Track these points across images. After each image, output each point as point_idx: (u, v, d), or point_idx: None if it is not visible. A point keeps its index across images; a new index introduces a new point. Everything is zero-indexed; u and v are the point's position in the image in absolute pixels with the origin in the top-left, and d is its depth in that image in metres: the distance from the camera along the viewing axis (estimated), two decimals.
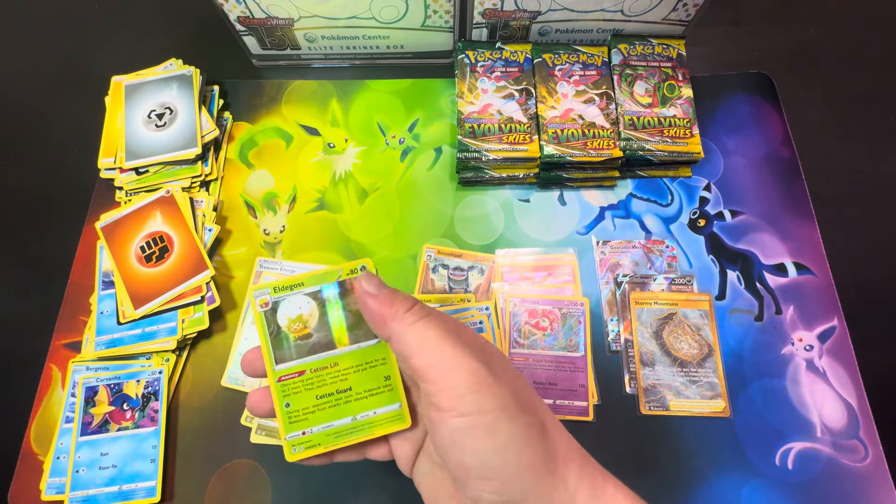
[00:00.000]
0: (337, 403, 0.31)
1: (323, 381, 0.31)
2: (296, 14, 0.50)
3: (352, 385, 0.31)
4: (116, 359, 0.44)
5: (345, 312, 0.31)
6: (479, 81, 0.50)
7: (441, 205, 0.50)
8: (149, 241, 0.47)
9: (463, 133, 0.48)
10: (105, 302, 0.45)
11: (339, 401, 0.31)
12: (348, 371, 0.31)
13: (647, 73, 0.50)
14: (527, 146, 0.48)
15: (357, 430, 0.31)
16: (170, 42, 0.59)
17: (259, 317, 0.31)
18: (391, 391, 0.31)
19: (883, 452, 0.41)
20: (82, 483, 0.40)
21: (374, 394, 0.31)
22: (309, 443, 0.31)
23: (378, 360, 0.31)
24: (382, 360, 0.31)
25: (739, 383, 0.44)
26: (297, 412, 0.31)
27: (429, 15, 0.50)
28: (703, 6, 0.48)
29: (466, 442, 0.25)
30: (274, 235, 0.49)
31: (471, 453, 0.25)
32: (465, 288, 0.47)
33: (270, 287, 0.31)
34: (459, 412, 0.25)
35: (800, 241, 0.48)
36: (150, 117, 0.50)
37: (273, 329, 0.31)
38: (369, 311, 0.29)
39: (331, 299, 0.31)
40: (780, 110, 0.54)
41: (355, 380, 0.31)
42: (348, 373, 0.31)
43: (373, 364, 0.31)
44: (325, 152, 0.53)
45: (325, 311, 0.31)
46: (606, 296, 0.47)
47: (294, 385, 0.31)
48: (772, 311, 0.46)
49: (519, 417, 0.26)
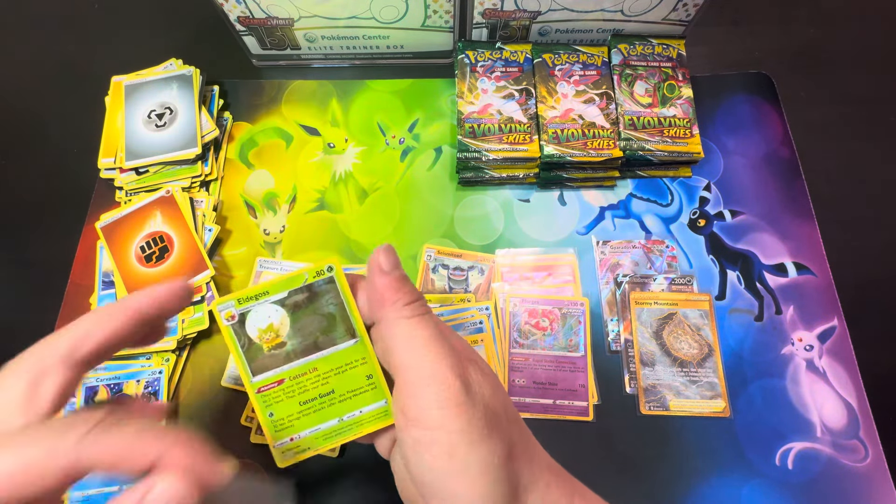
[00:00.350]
0: (321, 407, 0.30)
1: (304, 388, 0.30)
2: (296, 14, 0.50)
3: (334, 388, 0.30)
4: (116, 359, 0.44)
5: (317, 316, 0.30)
6: (479, 81, 0.50)
7: (441, 205, 0.50)
8: (149, 241, 0.47)
9: (463, 133, 0.48)
10: (105, 302, 0.45)
11: (323, 404, 0.30)
12: (329, 374, 0.30)
13: (647, 73, 0.50)
14: (527, 146, 0.48)
15: (345, 431, 0.31)
16: (170, 42, 0.59)
17: (227, 330, 0.29)
18: (375, 389, 0.30)
19: (883, 452, 0.41)
20: (82, 483, 0.40)
21: (358, 393, 0.30)
22: (298, 448, 0.30)
23: (358, 360, 0.30)
24: (363, 360, 0.30)
25: (739, 383, 0.44)
26: (282, 420, 0.30)
27: (429, 15, 0.50)
28: (703, 6, 0.48)
29: (425, 457, 0.25)
30: (274, 235, 0.49)
31: (427, 470, 0.25)
32: (465, 288, 0.47)
33: (234, 299, 0.29)
34: (423, 424, 0.25)
35: (800, 241, 0.48)
36: (150, 117, 0.50)
37: (244, 342, 0.29)
38: (373, 287, 0.28)
39: (300, 304, 0.30)
40: (780, 110, 0.54)
41: (337, 382, 0.30)
42: (329, 376, 0.30)
43: (353, 365, 0.30)
44: (325, 152, 0.53)
45: (296, 317, 0.30)
46: (606, 296, 0.47)
47: (275, 394, 0.30)
48: (772, 311, 0.46)
49: (481, 443, 0.25)
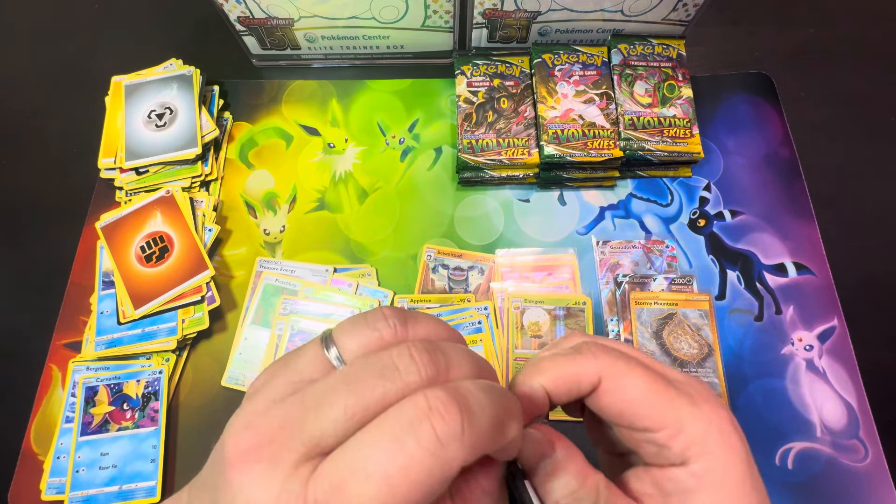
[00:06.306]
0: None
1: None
2: (296, 14, 0.50)
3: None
4: (116, 359, 0.44)
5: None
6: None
7: (441, 205, 0.50)
8: (149, 241, 0.47)
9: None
10: (105, 302, 0.45)
11: None
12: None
13: (647, 73, 0.50)
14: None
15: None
16: (170, 42, 0.59)
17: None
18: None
19: (883, 452, 0.41)
20: (82, 483, 0.40)
21: None
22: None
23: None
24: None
25: (739, 383, 0.44)
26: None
27: (429, 15, 0.50)
28: (703, 6, 0.48)
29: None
30: (274, 235, 0.49)
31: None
32: (465, 288, 0.47)
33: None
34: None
35: (800, 241, 0.48)
36: (150, 117, 0.50)
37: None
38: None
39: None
40: (780, 110, 0.53)
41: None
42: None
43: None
44: (325, 152, 0.53)
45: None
46: (606, 296, 0.47)
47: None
48: (772, 311, 0.46)
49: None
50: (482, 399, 0.17)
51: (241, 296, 0.47)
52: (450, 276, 0.47)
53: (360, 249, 0.49)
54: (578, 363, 0.22)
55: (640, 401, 0.21)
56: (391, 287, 0.47)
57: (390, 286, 0.47)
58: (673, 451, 0.21)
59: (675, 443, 0.21)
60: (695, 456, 0.21)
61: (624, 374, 0.21)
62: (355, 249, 0.49)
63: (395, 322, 0.20)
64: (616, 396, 0.21)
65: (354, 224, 0.50)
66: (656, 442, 0.21)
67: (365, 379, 0.17)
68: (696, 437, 0.21)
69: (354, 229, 0.50)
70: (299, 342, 0.44)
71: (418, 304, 0.46)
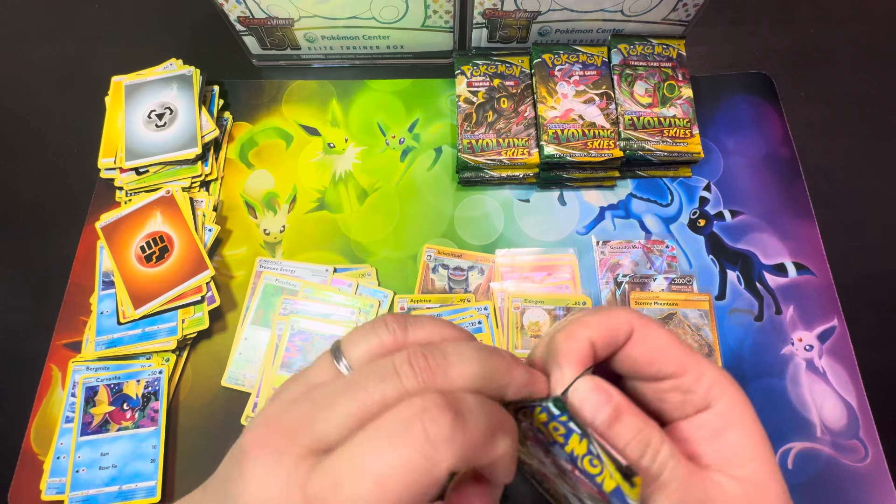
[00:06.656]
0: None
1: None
2: (296, 14, 0.50)
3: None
4: (116, 359, 0.44)
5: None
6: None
7: (441, 205, 0.50)
8: (149, 241, 0.47)
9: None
10: (105, 302, 0.45)
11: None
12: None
13: (647, 73, 0.50)
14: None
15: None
16: (170, 42, 0.59)
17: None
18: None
19: (883, 452, 0.41)
20: (82, 483, 0.40)
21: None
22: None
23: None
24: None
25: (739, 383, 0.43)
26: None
27: (429, 15, 0.50)
28: (703, 6, 0.48)
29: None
30: (274, 235, 0.49)
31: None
32: (465, 288, 0.47)
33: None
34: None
35: (800, 241, 0.48)
36: (150, 117, 0.50)
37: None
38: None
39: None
40: (780, 110, 0.54)
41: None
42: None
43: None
44: (325, 152, 0.53)
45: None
46: (606, 296, 0.47)
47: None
48: (772, 311, 0.46)
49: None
50: (475, 407, 0.19)
51: (241, 296, 0.47)
52: (450, 276, 0.47)
53: (360, 249, 0.49)
54: (615, 315, 0.24)
55: (666, 348, 0.23)
56: (391, 287, 0.47)
57: (390, 286, 0.47)
58: (698, 395, 0.23)
59: (699, 385, 0.23)
60: (717, 396, 0.23)
61: (651, 325, 0.24)
62: (355, 249, 0.49)
63: (395, 328, 0.21)
64: (648, 344, 0.24)
65: (354, 224, 0.50)
66: (682, 387, 0.23)
67: (366, 383, 0.19)
68: (715, 379, 0.23)
69: (354, 229, 0.50)
70: (299, 342, 0.44)
71: (418, 304, 0.46)
